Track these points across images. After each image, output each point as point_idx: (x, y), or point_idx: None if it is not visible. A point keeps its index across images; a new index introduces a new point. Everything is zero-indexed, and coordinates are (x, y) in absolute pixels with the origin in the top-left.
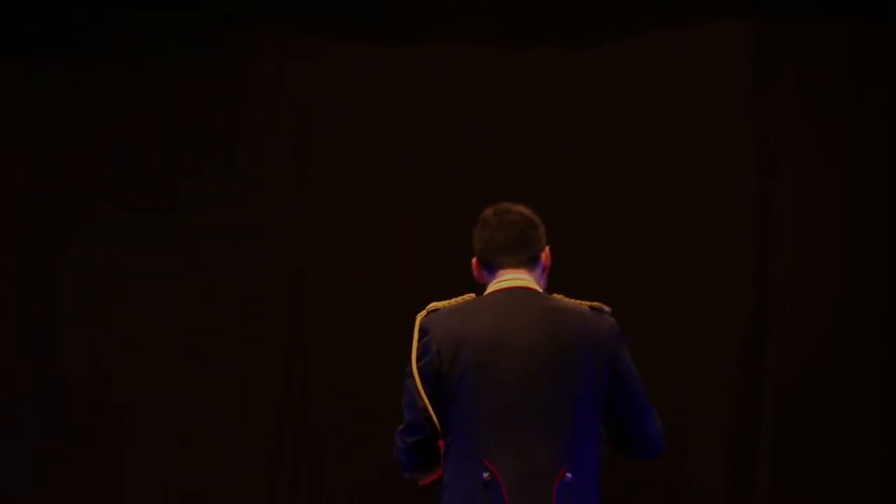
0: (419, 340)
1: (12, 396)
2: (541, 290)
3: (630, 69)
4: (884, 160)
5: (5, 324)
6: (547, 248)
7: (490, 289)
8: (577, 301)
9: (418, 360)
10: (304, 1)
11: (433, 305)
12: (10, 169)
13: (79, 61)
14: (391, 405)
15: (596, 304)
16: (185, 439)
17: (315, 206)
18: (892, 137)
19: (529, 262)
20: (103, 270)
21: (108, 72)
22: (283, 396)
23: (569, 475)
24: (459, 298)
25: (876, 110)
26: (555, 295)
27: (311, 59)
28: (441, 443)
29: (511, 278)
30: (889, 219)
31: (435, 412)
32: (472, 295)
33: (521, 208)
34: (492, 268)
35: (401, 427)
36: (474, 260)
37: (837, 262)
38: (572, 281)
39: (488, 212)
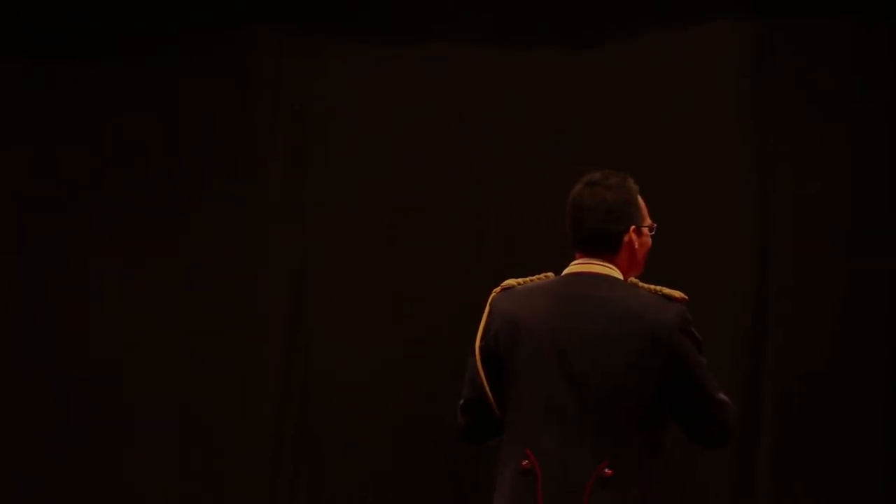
0: (485, 319)
1: (12, 396)
2: (616, 275)
3: (630, 69)
4: (884, 160)
5: (5, 324)
6: (636, 228)
7: (564, 271)
8: (652, 287)
9: (481, 339)
10: (304, 1)
11: (508, 283)
12: (10, 169)
13: (79, 61)
14: (391, 405)
15: (669, 291)
16: (185, 439)
17: (315, 206)
18: (892, 137)
19: (604, 247)
20: (103, 270)
21: (108, 72)
22: (283, 396)
23: (608, 471)
24: (536, 277)
25: (876, 110)
26: (631, 280)
27: (311, 59)
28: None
29: (580, 263)
30: (889, 219)
31: (493, 392)
32: (551, 274)
33: (612, 181)
34: (574, 249)
35: (461, 402)
36: None
37: (837, 262)
38: None
39: (577, 188)
